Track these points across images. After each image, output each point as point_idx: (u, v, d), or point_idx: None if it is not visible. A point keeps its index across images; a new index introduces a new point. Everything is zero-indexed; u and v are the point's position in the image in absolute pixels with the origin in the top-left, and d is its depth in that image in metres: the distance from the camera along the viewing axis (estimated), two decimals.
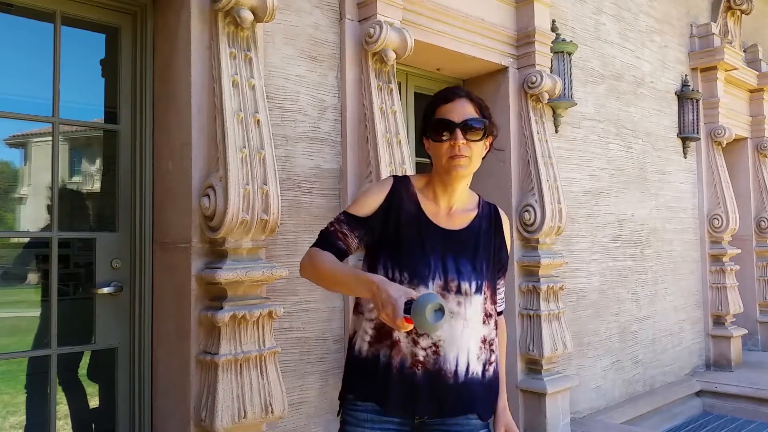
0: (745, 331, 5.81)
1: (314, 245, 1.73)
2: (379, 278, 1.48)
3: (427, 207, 1.74)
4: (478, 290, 1.69)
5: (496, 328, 1.80)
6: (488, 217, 1.80)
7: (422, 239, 1.69)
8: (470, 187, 1.82)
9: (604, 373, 4.50)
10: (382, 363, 1.67)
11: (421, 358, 1.65)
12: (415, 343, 1.65)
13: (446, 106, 1.71)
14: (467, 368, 1.68)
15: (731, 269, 5.69)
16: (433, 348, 1.65)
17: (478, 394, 1.70)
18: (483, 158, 1.78)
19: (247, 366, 2.34)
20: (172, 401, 2.47)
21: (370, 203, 1.73)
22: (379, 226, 1.71)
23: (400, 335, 1.65)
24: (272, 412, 2.36)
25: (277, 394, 2.39)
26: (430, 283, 1.64)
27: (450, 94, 1.73)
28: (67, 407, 2.59)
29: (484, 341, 1.72)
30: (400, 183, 1.77)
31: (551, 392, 3.60)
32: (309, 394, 2.79)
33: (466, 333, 1.67)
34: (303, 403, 2.77)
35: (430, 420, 1.71)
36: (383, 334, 1.69)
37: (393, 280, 1.63)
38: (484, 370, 1.72)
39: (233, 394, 2.28)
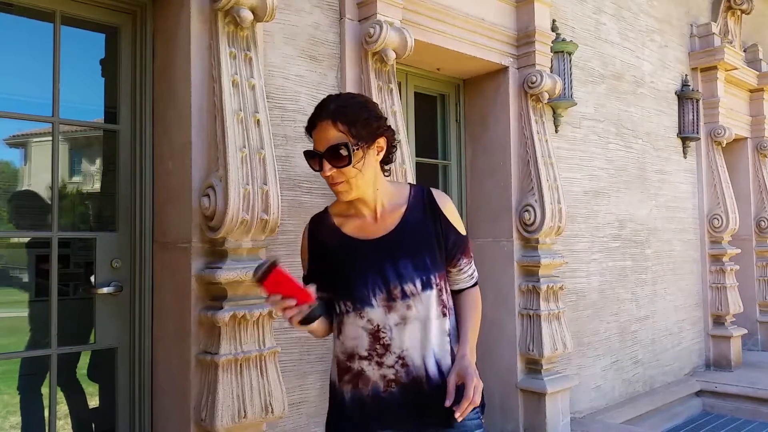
0: (745, 331, 5.81)
1: None
2: None
3: (351, 226, 1.73)
4: (426, 286, 1.65)
5: (466, 300, 1.78)
6: (421, 206, 1.73)
7: (353, 262, 1.68)
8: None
9: (603, 373, 4.50)
10: (353, 397, 1.68)
11: (392, 377, 1.64)
12: (380, 365, 1.64)
13: (314, 134, 1.66)
14: (439, 368, 1.66)
15: (731, 269, 5.69)
16: (400, 362, 1.64)
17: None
18: (388, 160, 1.74)
19: (247, 366, 2.34)
20: (172, 401, 2.47)
21: (304, 258, 1.81)
22: (318, 270, 1.75)
23: (362, 365, 1.66)
24: (272, 411, 2.36)
25: (277, 393, 2.39)
26: (373, 300, 1.64)
27: (315, 117, 1.65)
28: (66, 407, 2.59)
29: (449, 334, 1.70)
30: (316, 221, 1.82)
31: (551, 392, 3.60)
32: (309, 394, 2.79)
33: (424, 333, 1.65)
34: (303, 403, 2.77)
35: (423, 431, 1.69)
36: (344, 368, 1.70)
37: (341, 313, 1.69)
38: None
39: (233, 394, 2.28)
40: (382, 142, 1.69)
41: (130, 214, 2.61)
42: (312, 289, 1.54)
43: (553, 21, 4.07)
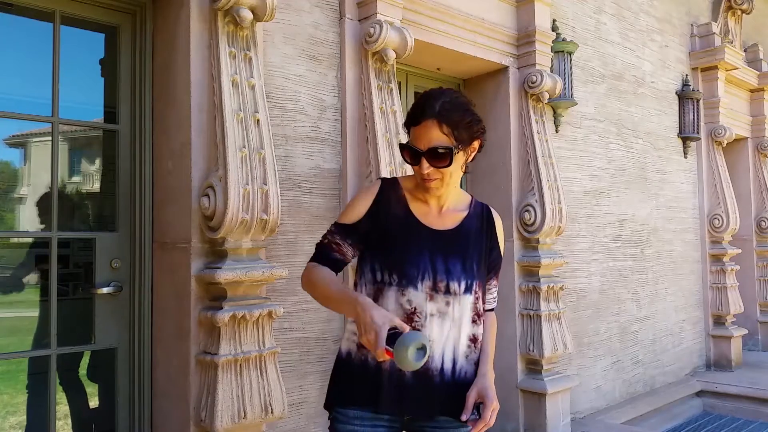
0: (746, 331, 5.81)
1: (311, 259, 1.76)
2: (364, 300, 1.49)
3: (417, 208, 1.74)
4: (468, 290, 1.69)
5: (486, 322, 1.82)
6: (480, 216, 1.79)
7: (411, 240, 1.69)
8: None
9: (604, 374, 4.50)
10: (372, 366, 1.68)
11: None
12: None
13: (415, 130, 1.66)
14: (454, 366, 1.69)
15: (731, 269, 5.69)
16: None
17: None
18: (472, 160, 1.75)
19: (247, 366, 2.33)
20: (171, 401, 2.46)
21: (358, 209, 1.73)
22: (368, 229, 1.71)
23: None
24: (272, 412, 2.36)
25: (277, 394, 2.39)
26: (419, 284, 1.65)
27: (419, 114, 1.65)
28: (67, 407, 2.59)
29: (474, 340, 1.73)
30: (388, 185, 1.77)
31: (551, 392, 3.60)
32: (309, 394, 2.79)
33: (453, 333, 1.68)
34: (303, 403, 2.76)
35: (422, 423, 1.72)
36: None
37: (382, 282, 1.66)
38: (474, 370, 1.73)
39: (233, 395, 2.28)
40: (476, 144, 1.72)
41: (129, 214, 2.61)
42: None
43: (554, 21, 4.07)
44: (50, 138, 2.46)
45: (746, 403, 5.05)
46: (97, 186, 2.78)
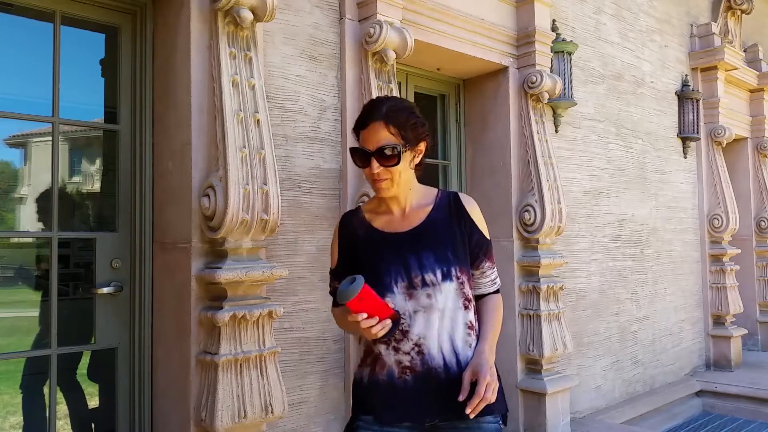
0: (745, 331, 5.81)
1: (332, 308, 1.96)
2: None
3: (380, 221, 1.84)
4: (446, 277, 1.72)
5: (487, 304, 1.85)
6: (446, 206, 1.83)
7: (378, 251, 1.77)
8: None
9: (604, 373, 4.50)
10: (370, 380, 1.75)
11: (408, 364, 1.70)
12: (397, 350, 1.70)
13: (364, 132, 1.76)
14: (458, 358, 1.71)
15: (731, 269, 5.69)
16: (416, 349, 1.69)
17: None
18: (419, 164, 1.83)
19: (247, 366, 2.34)
20: (172, 401, 2.47)
21: (333, 254, 1.90)
22: (349, 263, 1.82)
23: (380, 348, 1.73)
24: (272, 412, 2.36)
25: (277, 394, 2.39)
26: (395, 287, 1.71)
27: (365, 118, 1.76)
28: (66, 407, 2.59)
29: (471, 327, 1.76)
30: (349, 217, 1.92)
31: (551, 392, 3.60)
32: (309, 394, 2.79)
33: (445, 324, 1.71)
34: (303, 403, 2.77)
35: (441, 423, 1.72)
36: (366, 352, 1.79)
37: None
38: None
39: (233, 394, 2.28)
40: (422, 146, 1.81)
41: (130, 214, 2.61)
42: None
43: (553, 21, 4.07)
44: (50, 138, 2.46)
45: (746, 403, 5.05)
46: (97, 186, 2.78)
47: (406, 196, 1.82)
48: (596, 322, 4.47)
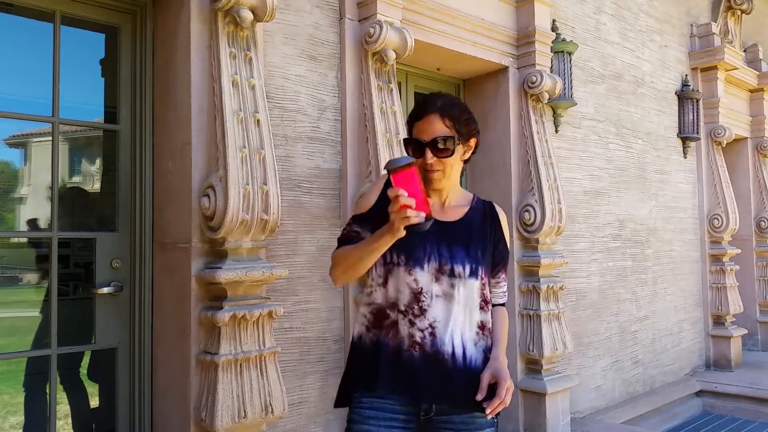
0: (745, 331, 5.81)
1: (335, 250, 1.87)
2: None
3: None
4: (473, 274, 1.76)
5: (497, 314, 1.89)
6: (482, 211, 1.89)
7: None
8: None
9: (604, 373, 4.50)
10: (377, 342, 1.75)
11: (419, 340, 1.72)
12: (412, 324, 1.72)
13: (418, 124, 1.79)
14: (464, 352, 1.74)
15: (731, 269, 5.69)
16: (430, 329, 1.72)
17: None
18: (468, 160, 1.88)
19: (247, 366, 2.34)
20: (172, 401, 2.47)
21: (369, 199, 1.86)
22: (380, 216, 1.76)
23: (397, 316, 1.73)
24: (272, 412, 2.36)
25: (277, 394, 2.39)
26: (426, 265, 1.73)
27: (420, 111, 1.80)
28: (67, 407, 2.59)
29: (482, 327, 1.79)
30: None
31: (551, 392, 3.60)
32: (309, 394, 2.79)
33: (460, 316, 1.74)
34: (303, 403, 2.77)
35: (436, 417, 1.73)
36: (381, 317, 1.77)
37: (391, 262, 1.76)
38: (484, 359, 1.76)
39: (233, 394, 2.28)
40: (473, 142, 1.85)
41: (130, 214, 2.61)
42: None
43: (553, 21, 4.07)
44: (50, 138, 2.47)
45: (746, 403, 5.05)
46: (97, 186, 2.78)
47: (449, 192, 1.85)
48: (596, 322, 4.47)
